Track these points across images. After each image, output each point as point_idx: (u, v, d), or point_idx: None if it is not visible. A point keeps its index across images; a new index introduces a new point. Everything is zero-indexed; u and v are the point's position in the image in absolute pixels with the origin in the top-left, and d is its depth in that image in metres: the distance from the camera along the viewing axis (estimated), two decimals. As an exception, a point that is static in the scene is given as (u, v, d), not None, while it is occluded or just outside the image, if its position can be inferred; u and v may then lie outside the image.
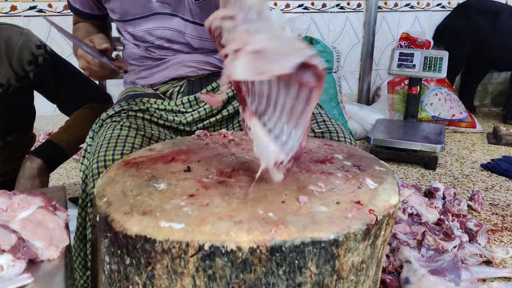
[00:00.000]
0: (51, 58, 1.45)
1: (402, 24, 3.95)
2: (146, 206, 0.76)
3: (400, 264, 1.65)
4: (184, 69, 1.38)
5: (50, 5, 2.99)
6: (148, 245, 0.69)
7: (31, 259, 0.75)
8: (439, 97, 3.47)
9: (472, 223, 1.97)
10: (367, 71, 3.79)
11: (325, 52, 3.22)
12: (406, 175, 2.66)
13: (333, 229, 0.71)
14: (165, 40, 1.36)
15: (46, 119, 3.04)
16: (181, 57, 1.38)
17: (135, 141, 1.19)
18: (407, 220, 1.99)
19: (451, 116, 3.44)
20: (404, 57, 3.06)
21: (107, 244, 0.74)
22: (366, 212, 0.76)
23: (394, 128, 3.07)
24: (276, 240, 0.68)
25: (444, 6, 4.05)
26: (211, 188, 0.84)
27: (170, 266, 0.70)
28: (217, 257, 0.68)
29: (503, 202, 2.28)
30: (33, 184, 1.35)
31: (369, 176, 0.91)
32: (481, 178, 2.59)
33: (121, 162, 0.98)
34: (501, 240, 1.93)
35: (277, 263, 0.69)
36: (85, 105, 1.51)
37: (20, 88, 1.41)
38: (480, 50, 3.63)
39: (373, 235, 0.77)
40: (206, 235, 0.68)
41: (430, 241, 1.79)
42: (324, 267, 0.72)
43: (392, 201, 0.82)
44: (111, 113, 1.28)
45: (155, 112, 1.32)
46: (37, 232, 0.73)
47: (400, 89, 3.53)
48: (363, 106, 3.52)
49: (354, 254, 0.75)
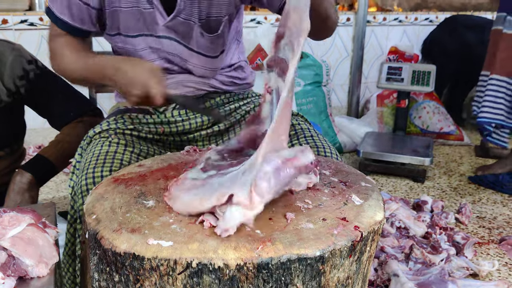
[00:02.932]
0: (42, 73, 1.46)
1: (391, 38, 4.01)
2: (135, 223, 0.77)
3: (388, 277, 1.66)
4: (182, 88, 1.37)
5: (41, 19, 3.00)
6: (137, 263, 0.70)
7: (21, 276, 0.75)
8: (428, 110, 3.52)
9: (460, 236, 1.99)
10: (356, 84, 3.83)
11: (315, 65, 3.25)
12: (394, 188, 2.69)
13: (319, 246, 0.72)
14: (165, 60, 1.33)
15: (36, 132, 3.03)
16: (180, 77, 1.36)
17: (124, 157, 1.19)
18: (395, 234, 2.01)
19: (439, 129, 3.48)
20: (392, 70, 3.10)
21: (96, 261, 0.75)
22: (352, 229, 0.78)
23: (383, 141, 3.10)
24: (263, 257, 0.69)
25: (432, 21, 4.12)
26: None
27: (158, 283, 0.71)
28: (204, 274, 0.69)
29: (490, 215, 2.31)
30: (23, 198, 1.36)
31: (355, 192, 0.93)
32: (468, 191, 2.63)
33: (110, 178, 0.99)
34: (487, 253, 1.96)
35: (264, 280, 0.70)
36: (75, 119, 1.52)
37: (11, 103, 1.42)
38: (467, 64, 3.68)
39: (358, 251, 0.78)
40: (194, 253, 0.69)
41: (417, 255, 1.81)
42: (310, 284, 0.74)
43: (377, 217, 0.84)
44: (98, 130, 1.28)
45: (143, 129, 1.31)
46: (27, 250, 0.74)
47: (389, 102, 3.57)
48: (352, 119, 3.55)
49: (339, 270, 0.76)
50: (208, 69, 1.36)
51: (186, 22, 1.26)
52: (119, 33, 1.31)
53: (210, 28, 1.29)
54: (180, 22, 1.26)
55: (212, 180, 0.84)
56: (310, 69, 3.24)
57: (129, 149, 1.23)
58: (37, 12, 3.08)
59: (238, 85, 1.47)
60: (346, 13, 3.79)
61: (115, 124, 1.29)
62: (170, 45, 1.30)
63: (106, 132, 1.27)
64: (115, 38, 1.33)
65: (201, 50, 1.32)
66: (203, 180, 0.85)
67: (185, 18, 1.26)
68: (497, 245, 2.01)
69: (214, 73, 1.39)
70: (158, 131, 1.32)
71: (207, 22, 1.28)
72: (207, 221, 0.76)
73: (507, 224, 2.22)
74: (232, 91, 1.45)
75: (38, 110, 1.52)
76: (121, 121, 1.30)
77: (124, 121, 1.31)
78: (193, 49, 1.32)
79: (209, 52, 1.34)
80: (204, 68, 1.36)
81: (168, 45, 1.30)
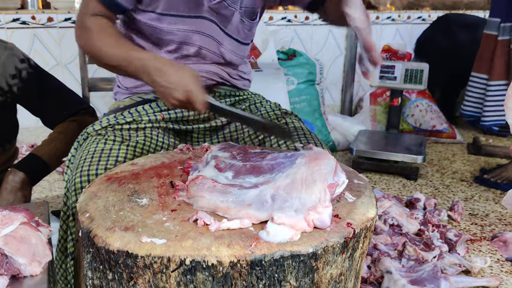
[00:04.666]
0: (35, 72, 1.46)
1: (384, 36, 4.02)
2: (128, 221, 0.78)
3: (381, 274, 1.67)
4: None
5: (33, 17, 2.98)
6: (130, 260, 0.70)
7: (14, 275, 0.75)
8: (420, 109, 3.53)
9: (452, 233, 2.01)
10: (350, 82, 3.84)
11: (308, 64, 3.26)
12: (388, 185, 2.70)
13: (312, 243, 0.73)
14: (198, 47, 1.34)
15: (28, 131, 3.02)
16: (192, 65, 1.34)
17: (119, 153, 1.19)
18: (388, 231, 2.02)
19: (432, 127, 3.49)
20: (385, 69, 3.10)
21: (90, 259, 0.75)
22: (344, 226, 0.79)
23: (376, 139, 3.11)
24: (256, 254, 0.69)
25: (424, 19, 4.14)
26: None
27: (152, 281, 0.71)
28: (198, 272, 0.69)
29: (482, 212, 2.33)
30: (16, 197, 1.35)
31: (347, 189, 0.93)
32: (461, 189, 2.64)
33: (104, 177, 0.99)
34: (479, 249, 1.97)
35: (257, 277, 0.71)
36: (68, 118, 1.52)
37: (4, 102, 1.41)
38: (460, 62, 3.69)
39: (351, 248, 0.79)
40: (187, 250, 0.69)
41: (410, 252, 1.82)
42: (303, 280, 0.74)
43: (369, 214, 0.84)
44: (97, 127, 1.28)
45: (142, 120, 1.30)
46: (20, 249, 0.74)
47: (382, 100, 3.58)
48: (346, 117, 3.56)
49: (332, 267, 0.77)
50: (238, 56, 1.43)
51: (230, 7, 1.33)
52: (154, 11, 1.28)
53: (249, 16, 1.39)
54: (225, 6, 1.32)
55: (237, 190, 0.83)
56: (304, 68, 3.25)
57: (125, 144, 1.22)
58: (29, 11, 3.07)
59: (243, 79, 1.51)
60: (339, 12, 3.80)
61: (115, 120, 1.28)
62: (209, 26, 1.34)
63: (104, 129, 1.27)
64: (147, 15, 1.29)
65: (237, 36, 1.39)
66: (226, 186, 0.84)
67: (229, 4, 1.33)
68: (489, 242, 2.03)
69: (241, 61, 1.46)
70: (158, 119, 1.31)
71: (246, 10, 1.38)
72: (201, 220, 0.77)
73: (499, 221, 2.24)
74: (237, 85, 1.49)
75: (31, 109, 1.51)
76: (120, 117, 1.29)
77: (124, 117, 1.30)
78: (229, 34, 1.38)
79: (243, 39, 1.42)
80: (236, 54, 1.41)
81: (206, 27, 1.33)
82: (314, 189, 0.79)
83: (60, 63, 3.11)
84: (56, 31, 3.04)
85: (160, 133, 1.32)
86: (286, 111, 1.44)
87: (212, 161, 0.93)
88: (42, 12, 3.02)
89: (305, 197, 0.78)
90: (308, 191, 0.79)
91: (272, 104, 1.48)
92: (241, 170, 0.89)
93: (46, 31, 3.03)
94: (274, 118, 1.36)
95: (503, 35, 2.57)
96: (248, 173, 0.88)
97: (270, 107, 1.44)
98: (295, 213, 0.76)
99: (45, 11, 3.05)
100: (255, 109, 1.44)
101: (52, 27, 3.04)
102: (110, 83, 1.88)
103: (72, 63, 3.12)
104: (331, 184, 0.83)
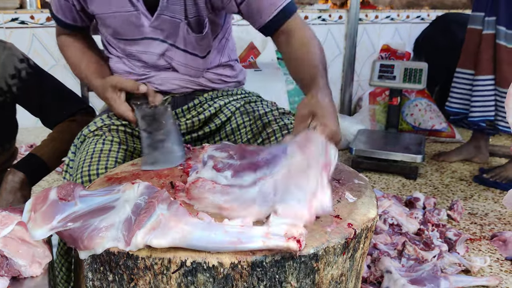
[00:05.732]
0: (34, 72, 1.45)
1: (383, 36, 4.02)
2: (129, 222, 0.77)
3: (381, 274, 1.67)
4: (168, 85, 1.38)
5: (32, 17, 2.98)
6: (131, 262, 0.70)
7: (14, 276, 0.75)
8: (419, 108, 3.53)
9: (452, 232, 2.01)
10: (349, 82, 3.84)
11: (307, 63, 3.25)
12: (387, 185, 2.70)
13: (313, 244, 0.73)
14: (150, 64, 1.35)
15: (28, 131, 3.02)
16: (165, 74, 1.37)
17: (118, 155, 1.19)
18: (388, 231, 2.02)
19: (431, 127, 3.50)
20: (385, 68, 3.11)
21: (90, 260, 0.75)
22: (345, 226, 0.79)
23: (376, 138, 3.11)
24: (257, 256, 0.69)
25: (423, 18, 4.14)
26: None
27: (152, 282, 0.71)
28: (199, 273, 0.69)
29: (481, 212, 2.33)
30: (15, 198, 1.35)
31: (348, 189, 0.93)
32: (460, 188, 2.64)
33: (104, 177, 0.99)
34: (479, 249, 1.97)
35: (258, 278, 0.70)
36: (68, 118, 1.51)
37: (3, 102, 1.41)
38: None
39: (352, 249, 0.79)
40: (188, 251, 0.69)
41: (410, 251, 1.82)
42: (304, 281, 0.74)
43: (370, 214, 0.84)
44: (93, 128, 1.28)
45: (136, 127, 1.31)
46: (19, 250, 0.73)
47: (381, 100, 3.58)
48: (345, 116, 3.56)
49: (333, 268, 0.77)
50: (193, 69, 1.37)
51: (172, 19, 1.27)
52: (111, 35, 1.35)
53: (196, 27, 1.30)
54: (166, 20, 1.27)
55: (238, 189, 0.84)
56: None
57: (123, 147, 1.22)
58: (28, 11, 3.06)
59: (227, 82, 1.46)
60: (339, 11, 3.80)
61: (109, 120, 1.29)
62: (156, 45, 1.31)
63: (100, 130, 1.27)
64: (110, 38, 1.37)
65: (188, 48, 1.33)
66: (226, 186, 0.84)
67: (170, 16, 1.26)
68: (489, 241, 2.03)
69: (200, 73, 1.39)
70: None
71: (193, 21, 1.29)
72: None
73: (499, 220, 2.24)
74: (220, 89, 1.45)
75: (30, 109, 1.51)
76: (114, 118, 1.30)
77: (118, 118, 1.30)
78: (180, 47, 1.32)
79: (196, 51, 1.34)
80: (190, 67, 1.36)
81: (153, 46, 1.31)
82: (310, 175, 0.79)
83: (59, 63, 3.11)
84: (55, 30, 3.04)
85: None
86: (284, 111, 1.43)
87: (210, 162, 0.92)
88: (41, 11, 3.02)
89: (304, 185, 0.78)
90: (305, 179, 0.79)
91: (269, 103, 1.44)
92: (239, 168, 0.89)
93: (45, 30, 3.03)
94: (272, 119, 1.33)
95: (487, 29, 2.58)
96: (246, 171, 0.88)
97: (267, 106, 1.40)
98: (297, 202, 0.76)
99: (44, 10, 3.04)
100: (250, 108, 1.39)
101: (51, 26, 3.03)
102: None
103: (71, 62, 3.11)
104: (325, 164, 0.83)
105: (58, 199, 0.76)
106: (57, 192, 0.78)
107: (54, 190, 0.78)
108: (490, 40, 2.58)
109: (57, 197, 0.76)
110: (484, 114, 2.62)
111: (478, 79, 2.62)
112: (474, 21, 2.66)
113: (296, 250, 0.68)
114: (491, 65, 2.59)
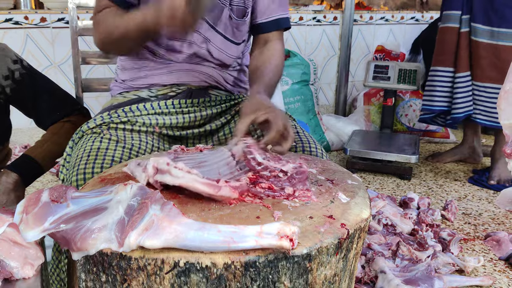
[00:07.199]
0: (28, 72, 1.45)
1: (377, 36, 4.03)
2: (122, 223, 0.77)
3: (375, 274, 1.67)
4: (187, 77, 1.40)
5: (26, 18, 2.97)
6: (124, 263, 0.70)
7: (6, 278, 0.75)
8: (414, 108, 3.54)
9: (446, 232, 2.02)
10: (344, 82, 3.85)
11: (302, 64, 3.26)
12: (381, 185, 2.71)
13: (306, 244, 0.73)
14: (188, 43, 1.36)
15: (22, 132, 3.01)
16: (187, 66, 1.39)
17: (115, 154, 1.19)
18: (382, 231, 2.03)
19: (426, 127, 3.51)
20: (379, 69, 3.12)
21: (83, 261, 0.75)
22: (338, 226, 0.79)
23: (370, 139, 3.12)
24: (250, 256, 0.69)
25: (418, 20, 4.15)
26: (188, 204, 0.85)
27: (146, 283, 0.71)
28: (192, 274, 0.69)
29: (475, 212, 2.34)
30: (9, 199, 1.34)
31: (341, 190, 0.93)
32: (454, 188, 2.65)
33: (97, 178, 0.98)
34: (473, 249, 1.98)
35: (252, 278, 0.71)
36: (62, 119, 1.51)
37: (-4, 103, 1.41)
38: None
39: (345, 249, 0.79)
40: (181, 252, 0.69)
41: (404, 251, 1.83)
42: (297, 281, 0.74)
43: (363, 215, 0.84)
44: (92, 125, 1.27)
45: (137, 122, 1.30)
46: (11, 252, 0.73)
47: (376, 100, 3.59)
48: (339, 117, 3.57)
49: (326, 268, 0.77)
50: (227, 55, 1.42)
51: (218, 3, 1.34)
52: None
53: (238, 14, 1.40)
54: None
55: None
56: (298, 68, 3.25)
57: (121, 144, 1.22)
58: (22, 11, 3.05)
59: (239, 87, 1.51)
60: (333, 12, 3.81)
61: (109, 118, 1.28)
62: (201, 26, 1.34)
63: (99, 128, 1.26)
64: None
65: (227, 34, 1.40)
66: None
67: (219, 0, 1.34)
68: (483, 241, 2.04)
69: (232, 61, 1.45)
70: (152, 123, 1.31)
71: (236, 8, 1.38)
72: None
73: (492, 220, 2.25)
74: (232, 92, 1.49)
75: (24, 110, 1.51)
76: (115, 115, 1.29)
77: (118, 115, 1.30)
78: (218, 30, 1.38)
79: (232, 37, 1.41)
80: (225, 53, 1.41)
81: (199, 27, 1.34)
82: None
83: (53, 64, 3.10)
84: (49, 31, 3.03)
85: (155, 138, 1.33)
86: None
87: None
88: (35, 12, 3.01)
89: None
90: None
91: None
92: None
93: (39, 31, 3.02)
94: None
95: (465, 27, 2.62)
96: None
97: None
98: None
99: (38, 11, 3.03)
100: None
101: (45, 27, 3.02)
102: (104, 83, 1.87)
103: (65, 63, 3.11)
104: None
105: (50, 201, 0.76)
106: (49, 194, 0.77)
107: (46, 192, 0.78)
108: (467, 38, 2.63)
109: (49, 199, 0.76)
110: (466, 109, 2.67)
111: (459, 76, 2.67)
112: (450, 20, 2.70)
113: (289, 249, 0.69)
114: (468, 61, 2.64)
